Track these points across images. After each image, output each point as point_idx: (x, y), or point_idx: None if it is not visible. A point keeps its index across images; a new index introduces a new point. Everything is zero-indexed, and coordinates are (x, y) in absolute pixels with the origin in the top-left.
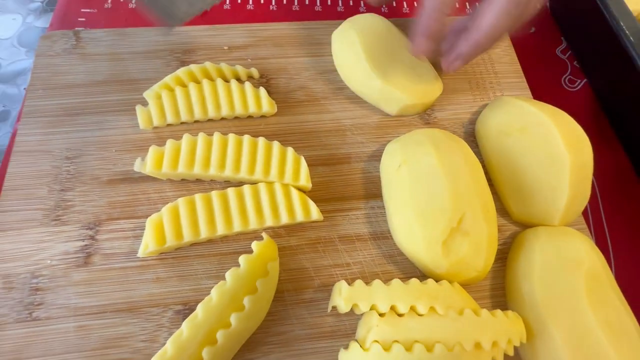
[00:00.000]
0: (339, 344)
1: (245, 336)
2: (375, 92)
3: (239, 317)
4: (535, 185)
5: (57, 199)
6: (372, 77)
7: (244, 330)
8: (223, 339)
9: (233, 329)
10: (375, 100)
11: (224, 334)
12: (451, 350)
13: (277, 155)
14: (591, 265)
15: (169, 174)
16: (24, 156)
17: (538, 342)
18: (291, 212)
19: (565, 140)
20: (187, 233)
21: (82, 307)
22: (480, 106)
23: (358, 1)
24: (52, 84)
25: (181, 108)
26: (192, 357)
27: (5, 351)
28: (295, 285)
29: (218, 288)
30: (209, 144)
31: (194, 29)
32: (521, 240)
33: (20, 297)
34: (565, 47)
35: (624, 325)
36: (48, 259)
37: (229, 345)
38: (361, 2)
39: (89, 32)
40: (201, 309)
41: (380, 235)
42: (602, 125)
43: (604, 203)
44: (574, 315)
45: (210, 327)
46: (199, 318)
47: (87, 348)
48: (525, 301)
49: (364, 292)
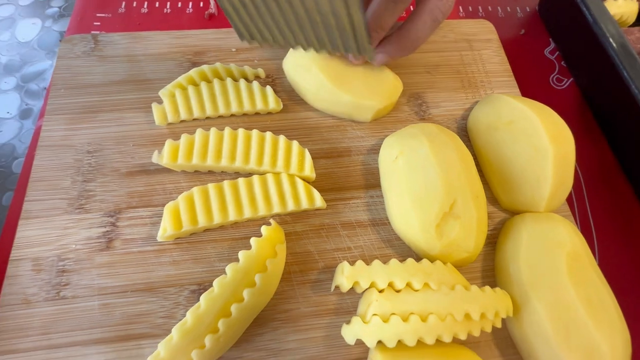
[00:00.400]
0: (341, 320)
1: (256, 311)
2: (347, 107)
3: (251, 292)
4: (522, 175)
5: (80, 189)
6: (339, 94)
7: (255, 305)
8: (237, 312)
9: (245, 303)
10: (347, 114)
11: (237, 307)
12: (443, 320)
13: (283, 148)
14: (573, 246)
15: (183, 165)
16: (49, 150)
17: (523, 316)
18: (297, 200)
19: (548, 133)
20: (202, 219)
21: (105, 287)
22: (472, 103)
23: None
24: (73, 84)
25: (193, 105)
26: (208, 327)
27: (35, 326)
28: (301, 267)
29: (232, 266)
30: (220, 137)
31: (204, 32)
32: (509, 226)
33: (48, 278)
34: (553, 48)
35: (603, 300)
36: (73, 243)
37: (241, 318)
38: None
39: (106, 36)
40: (217, 284)
41: (379, 222)
42: (588, 120)
43: (589, 193)
44: (556, 291)
45: (225, 301)
46: (215, 292)
47: (111, 324)
48: (512, 279)
49: (364, 271)
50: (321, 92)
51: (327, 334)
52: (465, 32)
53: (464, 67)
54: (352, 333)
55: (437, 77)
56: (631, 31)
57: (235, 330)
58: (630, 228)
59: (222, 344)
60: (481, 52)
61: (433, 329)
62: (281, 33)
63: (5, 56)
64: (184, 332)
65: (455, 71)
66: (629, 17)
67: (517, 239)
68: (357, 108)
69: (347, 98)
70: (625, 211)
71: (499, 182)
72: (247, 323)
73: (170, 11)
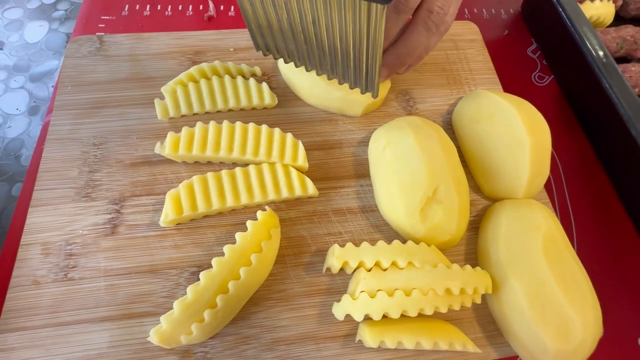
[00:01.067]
0: (332, 299)
1: (252, 289)
2: (338, 102)
3: (247, 270)
4: (502, 165)
5: (87, 179)
6: (330, 90)
7: (251, 283)
8: (234, 289)
9: (242, 281)
10: (339, 108)
11: (234, 284)
12: (425, 295)
13: (278, 140)
14: (548, 229)
15: (184, 156)
16: (57, 143)
17: (502, 293)
18: (290, 188)
19: (526, 125)
20: (201, 205)
21: (111, 269)
22: (457, 99)
23: None
24: (80, 82)
25: (194, 101)
26: (208, 302)
27: (45, 305)
28: (294, 251)
29: (229, 247)
30: (219, 130)
31: (203, 33)
32: (490, 211)
33: (56, 261)
34: (535, 48)
35: (577, 279)
36: (80, 229)
37: (238, 295)
38: None
39: (110, 37)
40: (215, 263)
41: (368, 209)
42: (567, 115)
43: (568, 185)
44: (532, 269)
45: (223, 278)
46: (213, 270)
47: (116, 303)
48: (492, 260)
49: (353, 252)
50: (314, 89)
51: (319, 312)
52: (451, 32)
53: (450, 65)
54: (341, 309)
55: (424, 74)
56: (608, 31)
57: (232, 307)
58: (608, 217)
59: (220, 319)
60: (466, 51)
61: (416, 302)
62: (298, 56)
63: (14, 57)
64: (185, 307)
65: (441, 69)
66: (605, 17)
67: (497, 223)
68: (347, 103)
69: (338, 94)
70: (603, 202)
71: (481, 171)
72: (244, 300)
73: (172, 14)
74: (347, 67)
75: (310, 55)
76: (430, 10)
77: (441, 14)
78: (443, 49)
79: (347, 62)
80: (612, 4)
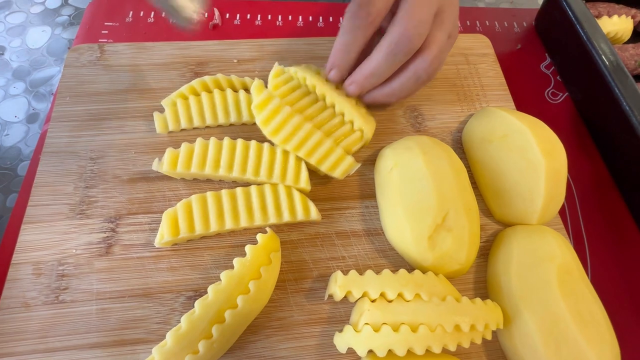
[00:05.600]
0: (334, 329)
1: (250, 318)
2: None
3: (245, 299)
4: (515, 188)
5: (82, 195)
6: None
7: (249, 312)
8: (230, 318)
9: (239, 310)
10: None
11: (231, 313)
12: (433, 331)
13: (280, 159)
14: (563, 259)
15: (182, 173)
16: (53, 156)
17: (514, 328)
18: (293, 212)
19: (541, 147)
20: (199, 226)
21: (103, 292)
22: (467, 116)
23: None
24: (79, 92)
25: (194, 114)
26: (202, 333)
27: (34, 330)
28: (295, 276)
29: (227, 273)
30: (219, 147)
31: (207, 43)
32: (501, 238)
33: (48, 282)
34: (549, 63)
35: (593, 313)
36: (73, 248)
37: (235, 324)
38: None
39: (112, 46)
40: (211, 290)
41: (373, 232)
42: (582, 134)
43: (582, 206)
44: (547, 303)
45: (219, 307)
46: (209, 299)
47: (107, 328)
48: (503, 291)
49: (357, 281)
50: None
51: (319, 343)
52: (462, 46)
53: (460, 80)
54: (344, 342)
55: (433, 89)
56: (626, 48)
57: (228, 337)
58: (623, 242)
59: (215, 350)
60: (477, 66)
61: (423, 339)
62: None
63: (15, 62)
64: (178, 338)
65: (452, 84)
66: (623, 34)
67: (508, 251)
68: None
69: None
70: (618, 225)
71: (492, 194)
72: (241, 330)
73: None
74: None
75: None
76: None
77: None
78: (454, 63)
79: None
80: (630, 20)
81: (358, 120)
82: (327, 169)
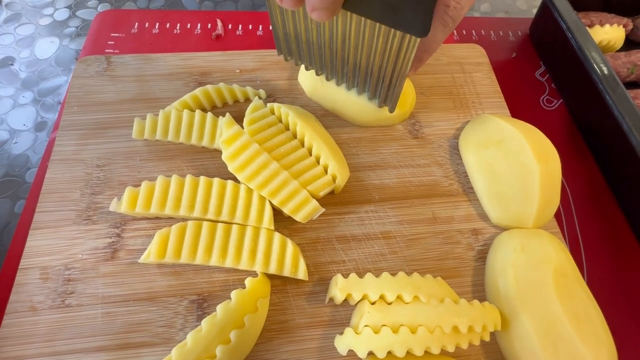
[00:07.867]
0: (335, 331)
1: None
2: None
3: (224, 350)
4: (511, 192)
5: (89, 202)
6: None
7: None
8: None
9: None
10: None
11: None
12: (432, 332)
13: (244, 198)
14: (559, 262)
15: (142, 213)
16: (60, 164)
17: (512, 330)
18: (281, 264)
19: (535, 152)
20: (185, 255)
21: (109, 296)
22: (463, 122)
23: None
24: (86, 102)
25: (170, 129)
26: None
27: (41, 333)
28: (296, 279)
29: (208, 320)
30: (181, 185)
31: (210, 54)
32: (499, 241)
33: (54, 286)
34: (544, 71)
35: (589, 315)
36: (79, 253)
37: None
38: None
39: (118, 57)
40: (190, 338)
41: (372, 236)
42: (576, 140)
43: (577, 211)
44: (544, 305)
45: (197, 355)
46: (187, 346)
47: (112, 332)
48: (501, 294)
49: (357, 284)
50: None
51: (320, 345)
52: (458, 55)
53: (456, 88)
54: (344, 344)
55: (430, 97)
56: (618, 56)
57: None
58: (618, 246)
59: None
60: (472, 74)
61: (422, 340)
62: (320, 65)
63: (24, 72)
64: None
65: (448, 92)
66: (616, 42)
67: (505, 254)
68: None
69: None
70: (613, 229)
71: (489, 198)
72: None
73: (180, 32)
74: (370, 82)
75: (333, 66)
76: (447, 4)
77: (457, 9)
78: (449, 72)
79: (371, 78)
80: (622, 29)
81: (333, 165)
82: (290, 211)
